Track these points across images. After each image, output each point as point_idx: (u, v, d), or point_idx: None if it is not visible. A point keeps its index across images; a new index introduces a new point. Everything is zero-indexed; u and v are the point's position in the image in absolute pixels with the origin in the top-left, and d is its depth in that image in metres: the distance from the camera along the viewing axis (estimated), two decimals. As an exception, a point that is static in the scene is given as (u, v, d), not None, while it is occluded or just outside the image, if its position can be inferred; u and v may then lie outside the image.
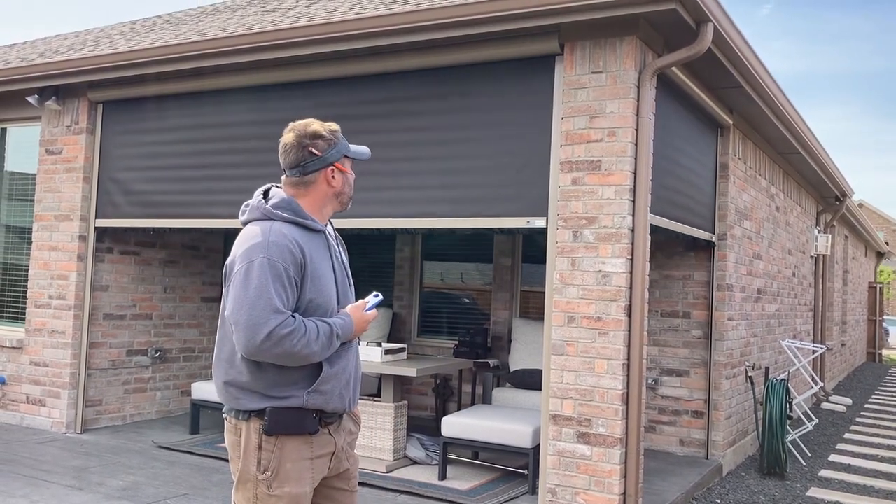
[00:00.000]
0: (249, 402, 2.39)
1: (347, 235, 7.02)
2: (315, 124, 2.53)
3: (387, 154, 5.38)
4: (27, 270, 7.19)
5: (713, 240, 6.45)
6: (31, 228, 7.14)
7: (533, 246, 7.73)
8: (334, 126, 2.59)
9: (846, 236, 15.54)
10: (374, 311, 2.56)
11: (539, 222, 4.88)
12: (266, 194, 2.54)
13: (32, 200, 7.23)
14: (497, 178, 5.02)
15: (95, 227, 6.80)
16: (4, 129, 7.70)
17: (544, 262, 5.05)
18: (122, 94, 6.61)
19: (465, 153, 5.13)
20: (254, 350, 2.28)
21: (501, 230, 5.22)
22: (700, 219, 6.14)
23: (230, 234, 8.29)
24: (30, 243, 7.17)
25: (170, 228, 6.46)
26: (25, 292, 7.18)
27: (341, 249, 2.68)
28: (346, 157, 2.57)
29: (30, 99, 6.91)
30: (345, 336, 2.44)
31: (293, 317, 2.32)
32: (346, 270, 2.65)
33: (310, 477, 2.43)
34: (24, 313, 7.19)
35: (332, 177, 2.54)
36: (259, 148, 5.92)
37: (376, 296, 2.58)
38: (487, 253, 7.95)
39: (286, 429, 2.38)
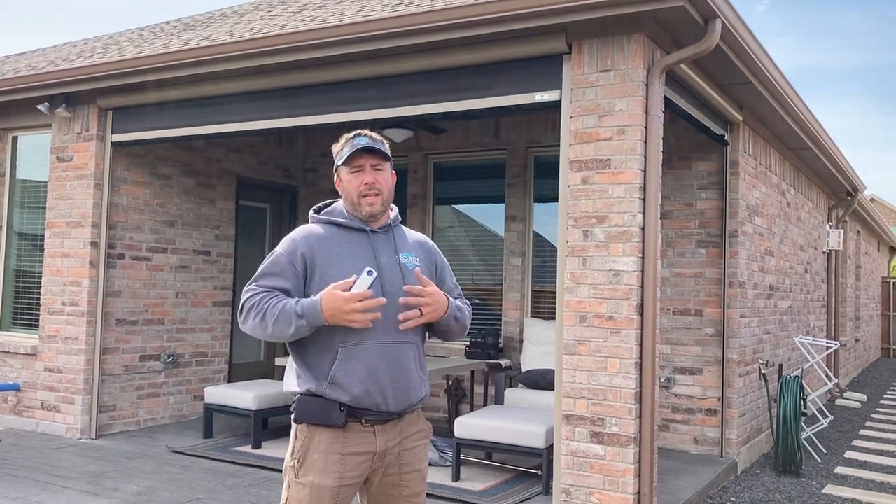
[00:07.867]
0: (290, 391, 2.53)
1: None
2: (352, 133, 2.62)
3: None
4: (40, 277, 7.23)
5: (726, 137, 6.39)
6: (44, 235, 7.18)
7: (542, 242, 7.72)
8: (358, 131, 2.60)
9: (858, 231, 15.44)
10: (361, 291, 2.30)
11: (552, 95, 4.84)
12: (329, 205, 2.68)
13: (44, 208, 7.27)
14: None
15: (112, 142, 6.83)
16: (16, 137, 7.75)
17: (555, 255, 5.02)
18: (130, 101, 6.64)
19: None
20: (241, 326, 2.49)
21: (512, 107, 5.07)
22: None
23: (240, 239, 8.31)
24: (42, 250, 7.21)
25: (187, 136, 6.51)
26: (39, 299, 7.22)
27: (411, 252, 2.60)
28: (342, 164, 2.57)
29: (40, 107, 6.95)
30: (310, 315, 2.32)
31: (264, 291, 2.43)
32: (405, 271, 2.53)
33: (337, 472, 2.40)
34: (37, 320, 7.23)
35: (339, 179, 2.62)
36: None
37: (369, 273, 2.33)
38: (497, 252, 7.94)
39: (311, 417, 2.43)
